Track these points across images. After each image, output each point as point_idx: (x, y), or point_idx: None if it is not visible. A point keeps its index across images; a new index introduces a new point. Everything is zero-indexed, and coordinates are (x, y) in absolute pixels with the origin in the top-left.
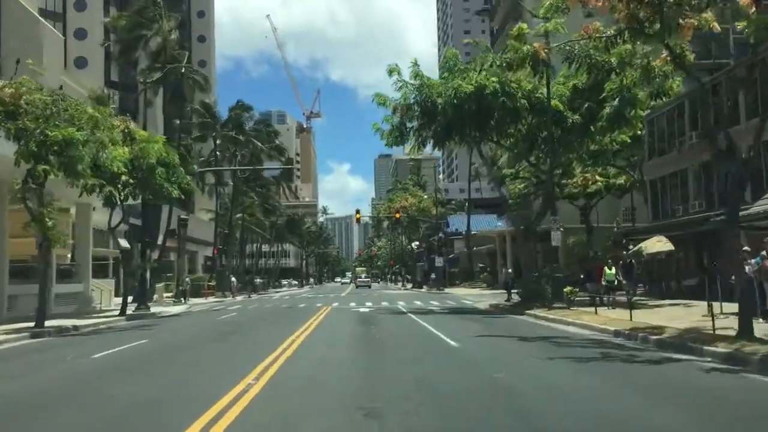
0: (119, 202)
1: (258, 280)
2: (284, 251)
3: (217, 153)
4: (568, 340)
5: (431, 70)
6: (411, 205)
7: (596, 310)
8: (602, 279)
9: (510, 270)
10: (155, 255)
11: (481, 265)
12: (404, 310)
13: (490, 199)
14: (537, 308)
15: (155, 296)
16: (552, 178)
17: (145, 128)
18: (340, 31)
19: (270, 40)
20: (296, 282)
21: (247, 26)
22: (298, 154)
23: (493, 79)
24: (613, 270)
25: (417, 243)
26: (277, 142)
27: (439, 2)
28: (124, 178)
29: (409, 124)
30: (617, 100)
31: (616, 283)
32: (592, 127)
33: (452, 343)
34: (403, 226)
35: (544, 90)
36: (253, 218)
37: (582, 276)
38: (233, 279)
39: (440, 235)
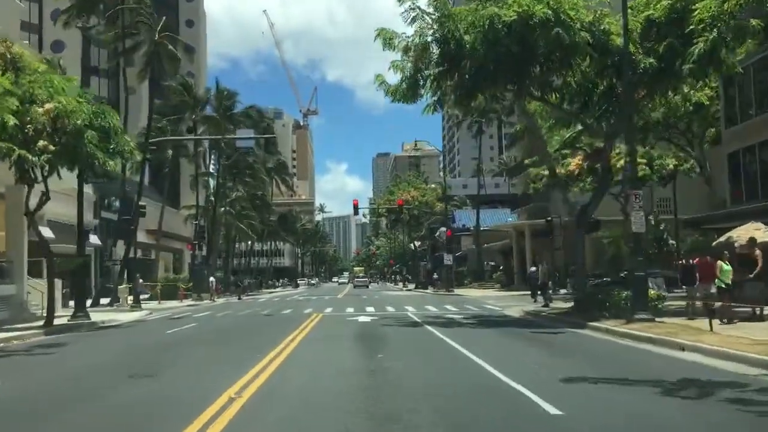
0: (39, 177)
1: (247, 281)
2: (278, 250)
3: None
4: (750, 394)
5: None
6: (414, 198)
7: (711, 324)
8: (711, 279)
9: (533, 268)
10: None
11: (491, 263)
12: (417, 319)
13: (496, 195)
14: (604, 319)
15: (120, 299)
16: (612, 148)
17: (124, 115)
18: (338, 31)
19: (267, 38)
20: (290, 282)
21: (244, 26)
22: (294, 151)
23: (539, 6)
24: (728, 266)
25: (419, 242)
26: (272, 128)
27: None
28: (41, 143)
29: (426, 72)
30: (715, 30)
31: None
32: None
33: (543, 404)
34: (404, 224)
35: (609, 22)
36: (242, 212)
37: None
38: (212, 279)
39: (443, 229)
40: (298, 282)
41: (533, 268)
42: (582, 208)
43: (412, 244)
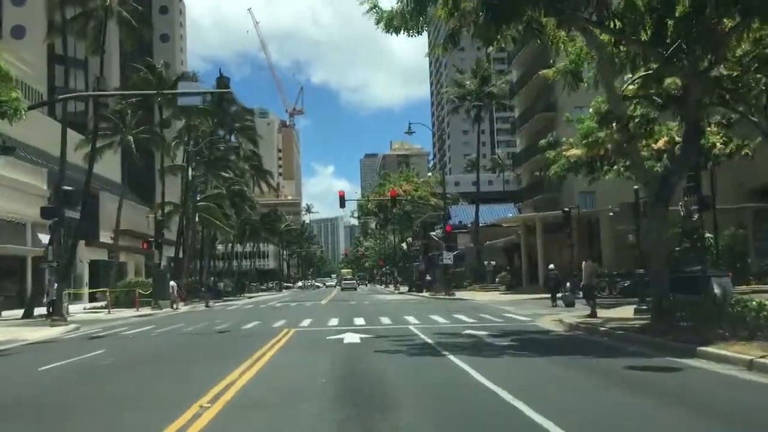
0: None
1: (222, 284)
2: (262, 252)
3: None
4: None
5: (419, 75)
6: (406, 192)
7: None
8: None
9: (551, 266)
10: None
11: (493, 263)
12: (428, 339)
13: (488, 193)
14: (723, 342)
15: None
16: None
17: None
18: (323, 33)
19: (252, 39)
20: (274, 285)
21: (228, 29)
22: (280, 150)
23: None
24: None
25: (410, 239)
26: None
27: None
28: None
29: None
30: None
31: None
32: None
33: None
34: (395, 222)
35: None
36: (219, 208)
37: None
38: (172, 284)
39: (437, 229)
40: (298, 285)
41: (551, 266)
42: (664, 176)
43: (403, 244)
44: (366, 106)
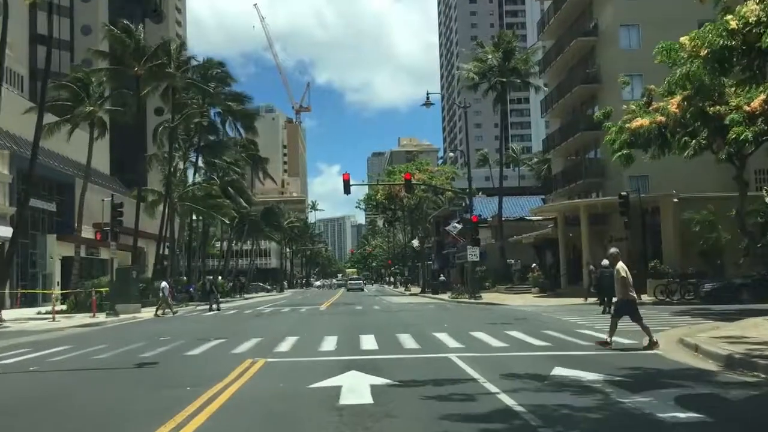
0: None
1: (210, 285)
2: (264, 250)
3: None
4: None
5: (426, 74)
6: (420, 181)
7: None
8: None
9: (605, 262)
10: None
11: (519, 261)
12: (505, 398)
13: (507, 188)
14: None
15: None
16: None
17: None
18: (327, 33)
19: (257, 38)
20: (274, 285)
21: (232, 28)
22: (285, 146)
23: None
24: None
25: (421, 235)
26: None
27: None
28: None
29: None
30: None
31: None
32: None
33: None
34: (405, 216)
35: None
36: (211, 200)
37: None
38: (164, 285)
39: (455, 224)
40: (317, 284)
41: (604, 262)
42: None
43: (414, 241)
44: (371, 106)
